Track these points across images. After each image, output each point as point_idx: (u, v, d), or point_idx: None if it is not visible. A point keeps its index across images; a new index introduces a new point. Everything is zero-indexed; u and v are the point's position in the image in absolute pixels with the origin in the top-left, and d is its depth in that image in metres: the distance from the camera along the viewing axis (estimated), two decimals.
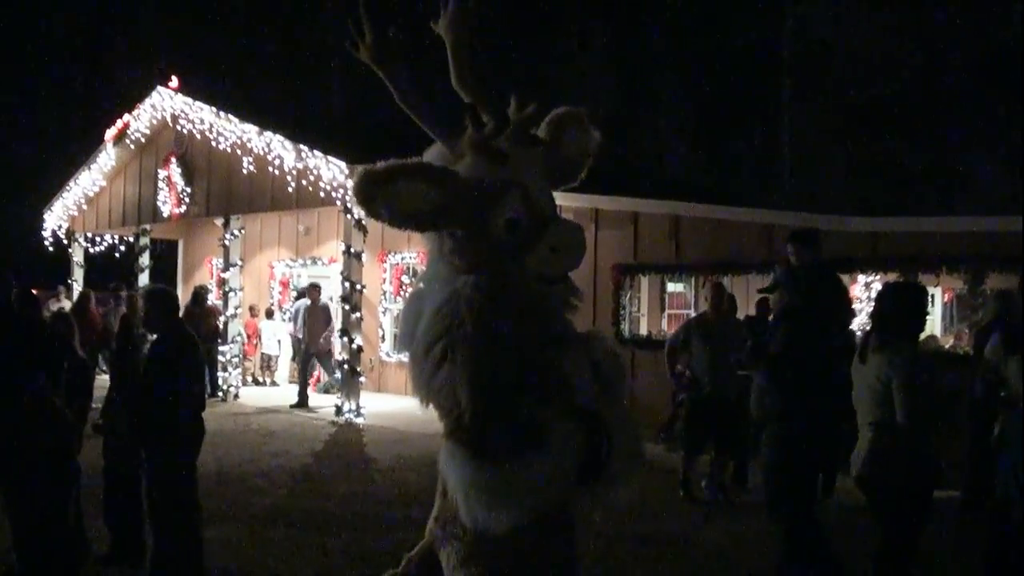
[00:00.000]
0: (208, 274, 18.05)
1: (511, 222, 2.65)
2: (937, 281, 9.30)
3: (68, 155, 18.68)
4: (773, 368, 5.00)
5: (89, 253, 18.56)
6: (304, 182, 12.41)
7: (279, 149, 12.78)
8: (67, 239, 18.45)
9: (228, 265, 14.33)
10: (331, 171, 11.93)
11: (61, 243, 18.50)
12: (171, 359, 4.80)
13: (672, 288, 12.32)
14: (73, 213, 18.22)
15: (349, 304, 12.13)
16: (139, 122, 16.01)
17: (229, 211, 14.24)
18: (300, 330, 13.61)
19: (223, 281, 14.61)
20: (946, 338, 11.71)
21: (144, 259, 17.05)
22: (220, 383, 13.88)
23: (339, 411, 11.94)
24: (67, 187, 17.92)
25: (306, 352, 13.43)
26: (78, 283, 17.90)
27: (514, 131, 2.72)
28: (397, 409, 12.24)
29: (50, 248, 18.51)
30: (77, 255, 18.43)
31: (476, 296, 2.60)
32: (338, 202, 11.95)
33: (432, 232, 2.80)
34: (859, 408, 4.34)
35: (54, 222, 18.45)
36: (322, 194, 12.08)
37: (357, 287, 12.19)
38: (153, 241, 17.47)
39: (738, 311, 8.24)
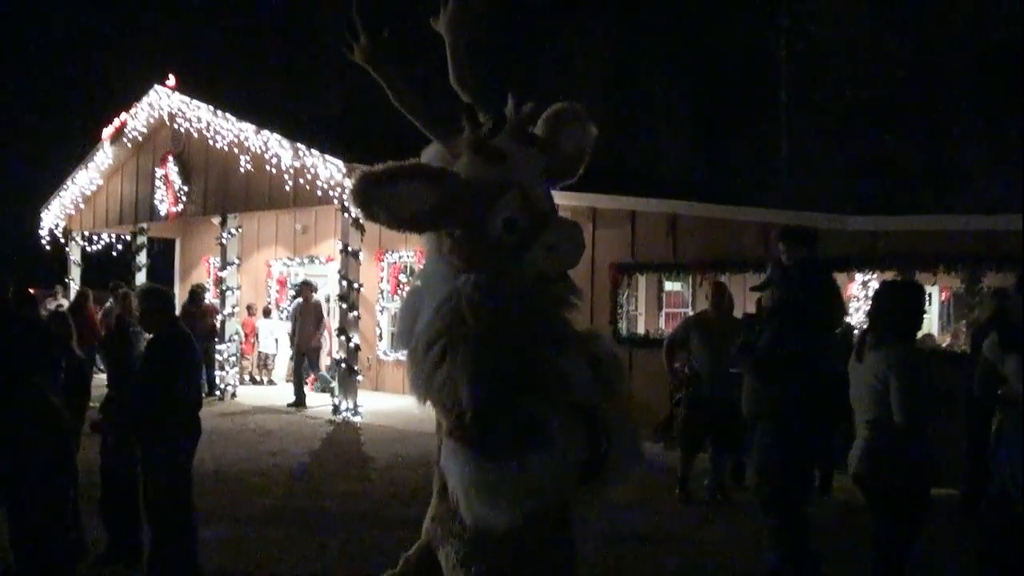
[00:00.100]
0: (205, 273, 18.04)
1: (509, 221, 2.65)
2: (934, 280, 9.29)
3: (65, 154, 18.65)
4: (760, 366, 4.99)
5: (86, 252, 18.55)
6: (301, 181, 12.41)
7: (276, 148, 12.79)
8: (64, 238, 18.42)
9: (225, 264, 14.33)
10: (328, 170, 11.93)
11: (58, 242, 18.48)
12: (167, 358, 4.79)
13: (670, 287, 12.31)
14: (70, 212, 18.19)
15: (347, 303, 12.12)
16: (136, 121, 15.99)
17: (226, 210, 14.23)
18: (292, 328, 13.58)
19: (220, 280, 14.61)
20: (943, 337, 11.70)
21: (141, 258, 17.04)
22: (217, 382, 13.87)
23: (336, 410, 11.94)
24: (64, 186, 17.90)
25: (297, 351, 13.42)
26: (75, 282, 17.88)
27: (511, 130, 2.72)
28: (394, 408, 12.24)
29: (47, 247, 18.51)
30: (74, 254, 18.41)
31: (477, 294, 2.60)
32: (335, 201, 11.95)
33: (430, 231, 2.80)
34: (856, 406, 4.34)
35: (51, 221, 18.43)
36: (319, 193, 12.08)
37: (354, 286, 12.19)
38: (150, 240, 17.46)
39: (735, 309, 8.23)
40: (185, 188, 14.98)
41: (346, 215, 12.01)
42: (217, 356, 13.96)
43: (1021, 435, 4.66)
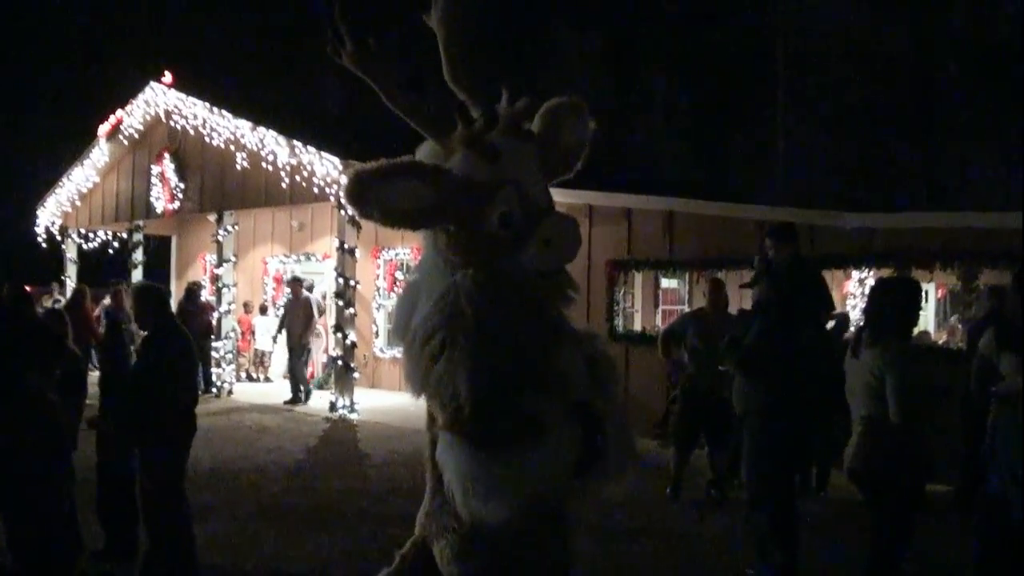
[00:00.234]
0: (202, 270, 18.01)
1: (505, 217, 2.65)
2: (931, 277, 9.30)
3: (61, 151, 18.62)
4: (745, 363, 4.99)
5: (82, 249, 18.49)
6: (298, 178, 12.40)
7: (272, 145, 12.77)
8: (60, 235, 18.38)
9: (221, 261, 14.31)
10: (324, 167, 11.92)
11: (54, 239, 18.45)
12: (163, 355, 4.79)
13: (666, 284, 12.32)
14: (66, 209, 18.15)
15: (343, 300, 12.12)
16: (132, 118, 15.95)
17: (223, 207, 14.22)
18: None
19: (216, 277, 14.58)
20: (939, 334, 11.73)
21: (137, 255, 17.03)
22: (214, 379, 13.87)
23: (333, 407, 11.93)
24: (60, 183, 17.86)
25: (289, 347, 13.34)
26: (71, 280, 17.85)
27: (506, 126, 2.72)
28: (391, 405, 12.24)
29: (43, 245, 18.46)
30: (70, 251, 18.35)
31: (475, 289, 2.60)
32: (331, 198, 11.94)
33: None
34: (852, 403, 4.35)
35: (47, 218, 18.39)
36: (315, 190, 12.07)
37: (351, 283, 12.18)
38: (146, 237, 17.41)
39: (729, 306, 8.23)
40: (181, 185, 14.95)
41: (342, 212, 11.99)
42: (213, 353, 13.95)
43: (1017, 432, 4.67)
